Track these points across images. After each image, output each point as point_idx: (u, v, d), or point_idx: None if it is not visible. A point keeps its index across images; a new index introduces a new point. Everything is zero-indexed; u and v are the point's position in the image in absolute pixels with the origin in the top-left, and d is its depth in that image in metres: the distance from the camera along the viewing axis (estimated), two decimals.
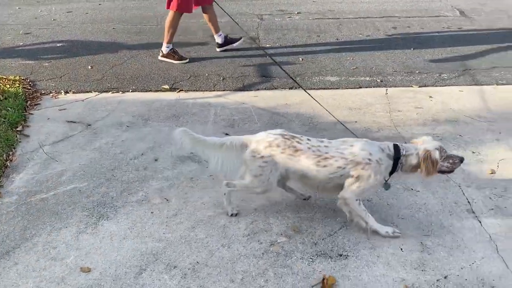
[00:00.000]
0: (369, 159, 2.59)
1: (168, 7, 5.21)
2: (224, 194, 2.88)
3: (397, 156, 2.64)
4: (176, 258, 2.58)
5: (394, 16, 7.16)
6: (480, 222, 2.84)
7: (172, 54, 5.46)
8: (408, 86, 4.86)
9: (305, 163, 2.61)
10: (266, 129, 2.84)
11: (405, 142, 2.97)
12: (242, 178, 2.80)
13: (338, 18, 7.12)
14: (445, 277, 2.43)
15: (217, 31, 5.65)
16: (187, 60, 5.49)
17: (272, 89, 4.88)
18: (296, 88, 4.86)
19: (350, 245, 2.67)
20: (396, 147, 2.66)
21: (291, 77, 4.60)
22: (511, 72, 5.12)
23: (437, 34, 6.41)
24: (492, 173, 3.34)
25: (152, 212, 2.95)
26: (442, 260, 2.55)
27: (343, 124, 3.51)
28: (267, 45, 6.07)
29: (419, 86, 4.85)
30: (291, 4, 7.90)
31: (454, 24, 6.79)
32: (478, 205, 3.00)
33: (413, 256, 2.58)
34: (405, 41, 6.15)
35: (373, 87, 4.88)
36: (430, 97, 4.57)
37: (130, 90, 4.83)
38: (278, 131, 2.76)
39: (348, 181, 2.62)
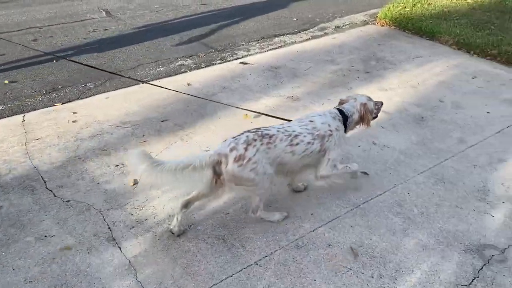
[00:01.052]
0: (330, 130, 2.74)
1: None
2: (261, 218, 2.74)
3: (345, 119, 2.86)
4: None
5: (35, 27, 6.41)
6: (120, 248, 2.60)
7: None
8: (51, 106, 4.31)
9: (281, 146, 2.58)
10: None
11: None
12: (251, 196, 2.67)
13: None
14: None
15: None
16: None
17: None
18: None
19: None
20: (341, 112, 2.88)
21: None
22: (154, 68, 5.21)
23: (83, 40, 6.03)
24: (134, 184, 3.17)
25: None
26: None
27: None
28: None
29: (63, 103, 4.37)
30: None
31: (100, 26, 6.57)
32: (119, 227, 2.76)
33: None
34: (47, 52, 5.53)
35: (8, 116, 4.12)
36: (75, 113, 4.15)
37: None
38: (239, 133, 2.59)
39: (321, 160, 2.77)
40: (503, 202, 3.05)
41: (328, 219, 2.85)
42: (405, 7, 7.17)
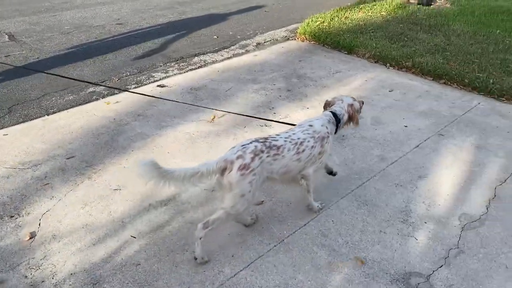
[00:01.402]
0: (327, 132, 2.81)
1: None
2: (200, 238, 2.53)
3: (338, 122, 2.91)
4: None
5: None
6: None
7: None
8: None
9: (289, 155, 2.60)
10: None
11: None
12: (218, 211, 2.55)
13: None
14: None
15: None
16: None
17: None
18: None
19: None
20: (334, 115, 2.92)
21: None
22: (62, 97, 4.77)
23: None
24: (31, 237, 2.78)
25: None
26: None
27: None
28: None
29: None
30: None
31: (1, 51, 5.97)
32: None
33: None
34: None
35: None
36: None
37: None
38: (249, 140, 2.58)
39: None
40: (425, 223, 3.02)
41: (250, 260, 2.65)
42: (323, 21, 7.26)
